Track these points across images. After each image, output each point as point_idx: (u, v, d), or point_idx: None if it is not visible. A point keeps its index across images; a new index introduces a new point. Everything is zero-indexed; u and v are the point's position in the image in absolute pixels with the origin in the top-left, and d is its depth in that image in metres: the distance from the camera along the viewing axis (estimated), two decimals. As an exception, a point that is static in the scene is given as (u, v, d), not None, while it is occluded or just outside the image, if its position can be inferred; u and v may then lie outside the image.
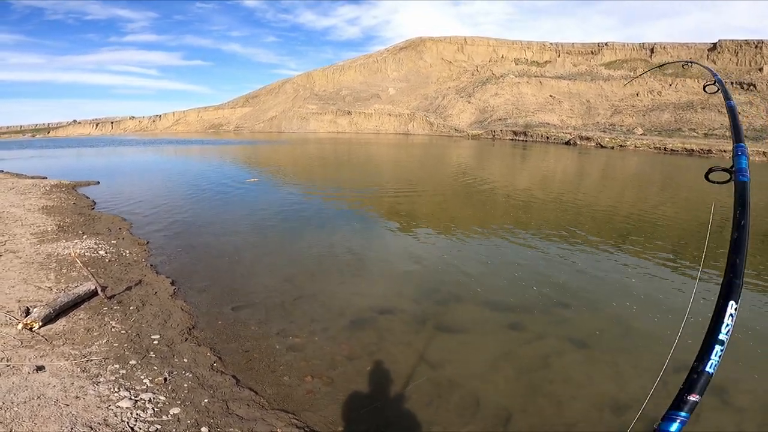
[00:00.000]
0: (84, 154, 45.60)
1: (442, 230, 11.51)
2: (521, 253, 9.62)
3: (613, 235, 11.35)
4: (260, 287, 7.30)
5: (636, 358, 5.67)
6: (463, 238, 10.77)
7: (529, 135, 72.24)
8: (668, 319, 6.80)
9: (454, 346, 5.82)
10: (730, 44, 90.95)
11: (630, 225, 12.56)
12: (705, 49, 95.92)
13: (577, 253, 9.75)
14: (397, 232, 11.16)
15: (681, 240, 11.28)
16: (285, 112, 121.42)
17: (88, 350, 4.91)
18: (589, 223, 12.79)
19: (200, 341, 5.52)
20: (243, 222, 11.98)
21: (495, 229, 11.78)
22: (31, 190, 16.15)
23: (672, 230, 12.18)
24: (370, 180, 22.51)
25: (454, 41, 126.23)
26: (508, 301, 7.21)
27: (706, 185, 1.69)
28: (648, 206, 15.73)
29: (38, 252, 8.18)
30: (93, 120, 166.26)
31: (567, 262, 9.17)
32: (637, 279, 8.35)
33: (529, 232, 11.43)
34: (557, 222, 12.77)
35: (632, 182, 23.36)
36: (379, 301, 6.98)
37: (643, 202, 16.87)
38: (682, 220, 13.60)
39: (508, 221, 12.71)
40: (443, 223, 12.42)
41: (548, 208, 14.96)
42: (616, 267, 8.98)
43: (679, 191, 20.52)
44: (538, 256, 9.52)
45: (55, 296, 6.09)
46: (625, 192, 19.67)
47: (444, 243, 10.28)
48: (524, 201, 16.31)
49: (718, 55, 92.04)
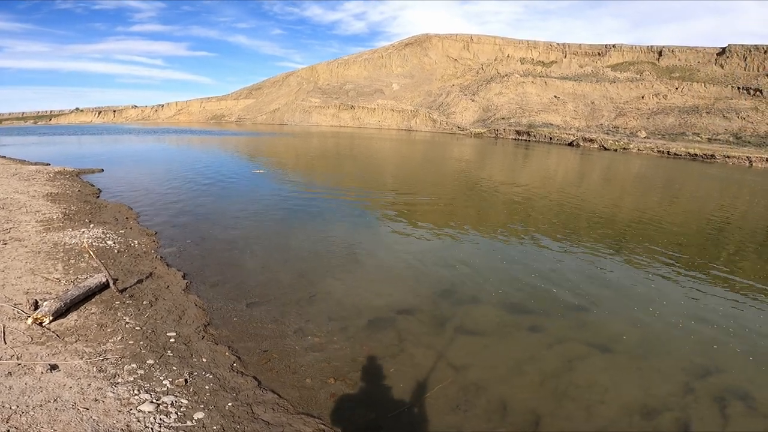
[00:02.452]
0: (86, 141, 45.22)
1: (453, 230, 11.32)
2: (534, 255, 9.45)
3: (630, 239, 11.18)
4: (274, 283, 7.11)
5: (660, 363, 5.59)
6: (475, 238, 10.59)
7: (532, 135, 71.94)
8: (689, 323, 6.70)
9: (476, 348, 5.66)
10: (739, 49, 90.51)
11: (648, 228, 12.39)
12: (714, 53, 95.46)
13: (592, 256, 9.59)
14: (407, 230, 10.96)
15: (696, 243, 11.11)
16: (288, 105, 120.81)
17: (103, 348, 4.72)
18: (604, 226, 12.61)
19: (217, 339, 5.34)
20: (251, 214, 11.78)
21: (506, 230, 11.60)
22: (35, 177, 15.90)
23: (688, 235, 12.01)
24: (375, 175, 22.29)
25: (460, 39, 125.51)
26: (526, 303, 7.06)
27: (722, 190, 1.50)
28: (665, 211, 15.55)
29: (44, 241, 7.96)
30: (95, 108, 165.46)
31: (582, 264, 9.01)
32: (654, 282, 8.20)
33: (541, 234, 11.26)
34: (570, 224, 12.59)
35: (647, 185, 23.18)
36: (395, 300, 6.79)
37: (660, 206, 16.70)
38: (698, 224, 13.44)
39: (518, 222, 12.54)
40: (454, 222, 12.23)
41: (560, 209, 14.77)
42: (632, 270, 8.82)
43: (698, 194, 20.36)
44: (551, 257, 9.35)
45: (65, 288, 5.88)
46: (646, 195, 19.48)
47: (456, 243, 10.10)
48: (533, 201, 16.12)
49: (726, 59, 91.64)
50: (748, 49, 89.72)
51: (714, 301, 7.58)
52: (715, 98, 78.99)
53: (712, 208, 16.78)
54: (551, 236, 11.01)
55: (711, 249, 10.78)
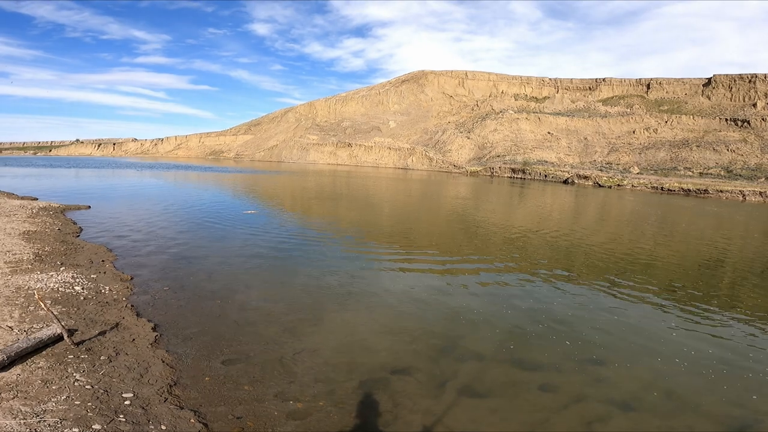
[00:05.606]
0: (82, 175, 44.92)
1: (453, 276, 10.69)
2: (541, 301, 8.81)
3: (645, 281, 10.58)
4: (255, 337, 6.37)
5: (690, 419, 5.04)
6: (477, 285, 9.94)
7: (527, 173, 72.51)
8: (720, 371, 6.14)
9: (480, 413, 4.95)
10: (724, 79, 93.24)
11: (666, 270, 11.82)
12: (700, 84, 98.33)
13: (606, 300, 8.96)
14: (404, 277, 10.26)
15: (707, 284, 10.51)
16: (286, 142, 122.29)
17: (43, 407, 4.03)
18: (615, 268, 12.03)
19: (183, 402, 4.60)
20: (238, 258, 11.01)
21: (510, 274, 10.99)
22: (17, 212, 15.30)
23: (702, 275, 11.43)
24: (371, 218, 21.81)
25: (455, 75, 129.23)
26: (535, 356, 6.38)
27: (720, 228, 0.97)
28: (678, 251, 15.05)
29: (7, 284, 7.28)
30: (95, 140, 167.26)
31: (595, 310, 8.37)
32: (676, 329, 7.56)
33: (548, 279, 10.67)
34: (576, 267, 12.02)
35: (648, 223, 22.79)
36: (390, 357, 6.08)
37: (674, 244, 16.20)
38: (715, 263, 12.88)
39: (523, 266, 11.95)
40: (453, 267, 11.63)
41: (567, 251, 14.24)
42: (644, 315, 8.21)
43: (704, 234, 19.93)
44: (560, 303, 8.71)
45: (15, 339, 5.19)
46: (665, 234, 19.03)
47: (456, 290, 9.42)
48: (535, 243, 15.60)
49: (712, 90, 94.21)
50: (732, 78, 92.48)
51: (745, 345, 7.01)
52: (704, 131, 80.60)
53: (721, 245, 16.30)
54: (559, 281, 10.41)
55: (734, 288, 10.21)
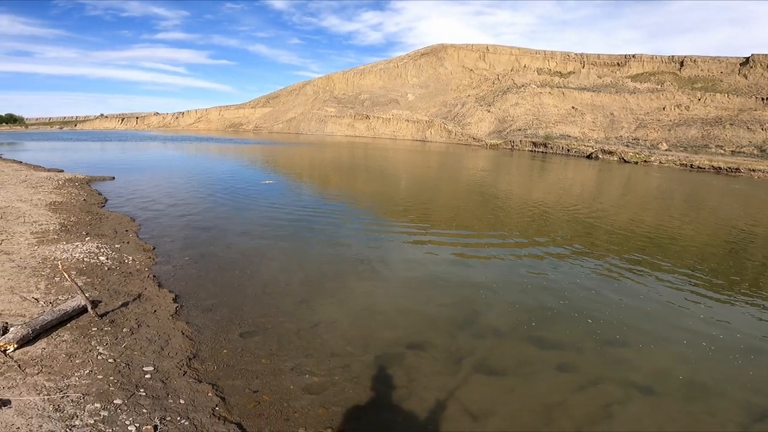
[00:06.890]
0: (106, 148, 45.78)
1: (474, 250, 10.54)
2: (562, 279, 8.62)
3: (664, 263, 10.26)
4: (273, 309, 6.44)
5: (712, 406, 4.92)
6: (496, 259, 9.80)
7: (549, 147, 70.58)
8: (739, 358, 5.94)
9: (497, 392, 4.92)
10: (763, 59, 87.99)
11: (682, 249, 11.44)
12: (737, 63, 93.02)
13: (633, 281, 8.72)
14: (423, 251, 10.16)
15: (737, 267, 10.13)
16: (304, 114, 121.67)
17: (66, 383, 4.14)
18: (644, 246, 11.68)
19: (201, 376, 4.70)
20: (257, 228, 11.13)
21: (534, 249, 10.78)
22: (43, 184, 15.70)
23: (732, 257, 11.01)
24: (390, 189, 21.65)
25: (475, 49, 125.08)
26: (554, 336, 6.28)
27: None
28: (708, 233, 14.53)
29: (34, 255, 7.49)
30: (119, 115, 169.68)
31: (620, 289, 8.17)
32: (697, 311, 7.33)
33: (573, 256, 10.42)
34: (602, 244, 11.71)
35: (684, 204, 22.04)
36: (407, 332, 6.07)
37: (700, 225, 15.66)
38: (738, 247, 12.40)
39: (547, 242, 11.70)
40: (474, 241, 11.45)
41: (592, 228, 13.89)
42: (670, 297, 7.95)
43: (746, 213, 19.18)
44: (582, 283, 8.52)
45: (40, 311, 5.34)
46: (699, 213, 18.42)
47: (476, 265, 9.29)
48: (553, 218, 15.25)
49: (750, 69, 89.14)
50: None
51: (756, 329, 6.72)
52: (738, 109, 76.66)
53: (751, 227, 15.66)
54: (581, 257, 10.17)
55: (766, 273, 9.79)
